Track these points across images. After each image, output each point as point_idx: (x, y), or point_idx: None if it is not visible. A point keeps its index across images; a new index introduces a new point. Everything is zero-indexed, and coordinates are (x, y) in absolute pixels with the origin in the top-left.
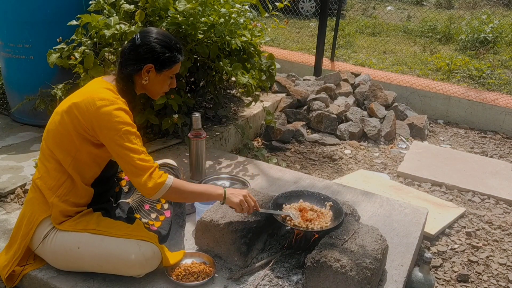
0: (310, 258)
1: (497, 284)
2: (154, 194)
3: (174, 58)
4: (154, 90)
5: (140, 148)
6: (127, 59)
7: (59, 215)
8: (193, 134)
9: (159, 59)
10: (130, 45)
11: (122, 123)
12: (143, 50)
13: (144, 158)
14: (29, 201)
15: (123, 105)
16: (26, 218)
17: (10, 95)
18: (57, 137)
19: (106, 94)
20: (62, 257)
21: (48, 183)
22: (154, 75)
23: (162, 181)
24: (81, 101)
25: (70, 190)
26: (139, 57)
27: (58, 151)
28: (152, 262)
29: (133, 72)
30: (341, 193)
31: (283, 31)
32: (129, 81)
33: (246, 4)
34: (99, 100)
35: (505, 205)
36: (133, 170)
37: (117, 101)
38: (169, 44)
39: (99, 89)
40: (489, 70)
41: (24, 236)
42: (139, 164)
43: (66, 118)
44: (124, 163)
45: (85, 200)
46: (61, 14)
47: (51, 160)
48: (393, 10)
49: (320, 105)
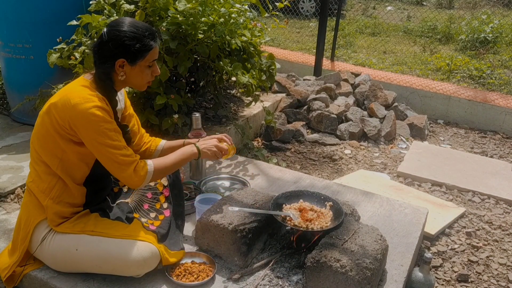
0: (310, 258)
1: (497, 284)
2: (141, 184)
3: (146, 47)
4: (136, 83)
5: (120, 144)
6: (98, 57)
7: (55, 216)
8: (193, 134)
9: (129, 52)
10: (98, 42)
11: (99, 121)
12: (111, 45)
13: (126, 153)
14: (24, 205)
15: (98, 102)
16: (23, 222)
17: (10, 95)
18: (41, 140)
19: (81, 92)
20: (60, 259)
21: (40, 186)
22: (129, 69)
23: (145, 171)
24: (58, 100)
25: (63, 191)
26: (108, 54)
27: (44, 154)
28: (150, 262)
29: (107, 69)
30: (341, 193)
31: (283, 31)
32: (106, 78)
33: (246, 4)
34: (74, 98)
35: (505, 205)
36: (116, 166)
37: (92, 98)
38: (137, 34)
39: (75, 87)
40: (489, 70)
41: (23, 240)
42: (122, 159)
43: (46, 119)
44: (106, 160)
45: (80, 199)
46: (61, 14)
47: (40, 163)
48: (393, 10)
49: (320, 105)
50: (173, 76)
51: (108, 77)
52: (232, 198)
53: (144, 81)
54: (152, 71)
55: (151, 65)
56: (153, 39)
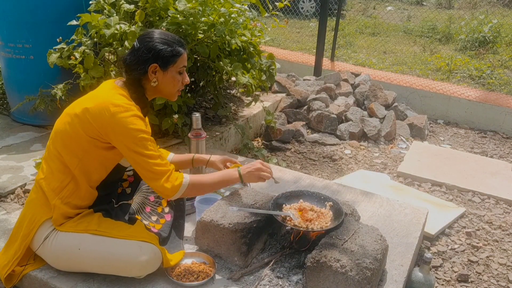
0: (310, 258)
1: (497, 284)
2: (173, 195)
3: (176, 52)
4: (167, 90)
5: (156, 153)
6: (129, 64)
7: (60, 217)
8: (193, 134)
9: (160, 56)
10: (130, 52)
11: (137, 130)
12: (143, 52)
13: (160, 162)
14: (31, 202)
15: (137, 111)
16: (27, 219)
17: (10, 95)
18: (66, 139)
19: (120, 101)
20: (62, 258)
21: (51, 184)
22: (161, 75)
23: (179, 183)
24: (94, 106)
25: (73, 192)
26: (140, 60)
27: (65, 153)
28: (153, 264)
29: (139, 76)
30: (341, 193)
31: (283, 31)
32: (138, 86)
33: (246, 4)
34: (114, 106)
35: (505, 205)
36: (150, 176)
37: (131, 107)
38: (167, 40)
39: (113, 95)
40: (489, 70)
41: (25, 237)
42: (156, 169)
43: (76, 121)
44: (141, 168)
45: (87, 202)
46: (61, 14)
47: (56, 161)
48: (393, 10)
49: (320, 105)
50: None
51: (140, 84)
52: (232, 198)
53: (175, 88)
54: (182, 78)
55: (181, 71)
56: (181, 46)
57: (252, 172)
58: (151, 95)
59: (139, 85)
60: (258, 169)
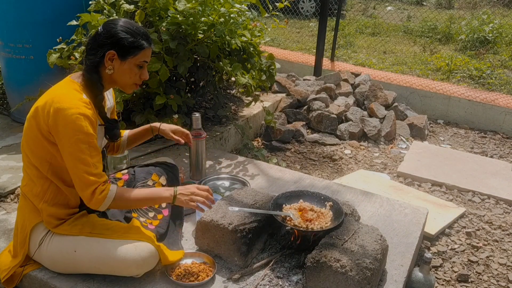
0: (310, 258)
1: (497, 284)
2: (97, 208)
3: (138, 44)
4: (122, 81)
5: (90, 160)
6: (89, 49)
7: (51, 219)
8: (193, 134)
9: (121, 44)
10: (93, 35)
11: (76, 130)
12: (104, 37)
13: (92, 171)
14: (20, 209)
15: (83, 108)
16: (20, 226)
17: (10, 95)
18: (31, 144)
19: (66, 96)
20: (59, 261)
21: (33, 190)
22: (118, 64)
23: (103, 196)
24: (43, 103)
25: (57, 193)
26: (100, 44)
27: (34, 158)
28: (149, 262)
29: (96, 60)
30: (341, 193)
31: (283, 31)
32: (93, 72)
33: (246, 4)
34: (58, 102)
35: (505, 205)
36: (78, 183)
37: (77, 103)
38: (132, 30)
39: (61, 90)
40: (489, 70)
41: (22, 244)
42: (84, 177)
43: (33, 122)
44: (72, 173)
45: (74, 201)
46: (61, 14)
47: (31, 167)
48: (393, 10)
49: (320, 105)
50: (173, 76)
51: (96, 71)
52: (232, 198)
53: (131, 81)
54: (141, 73)
55: (141, 65)
56: (146, 40)
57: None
58: (107, 84)
59: (95, 71)
60: (192, 193)
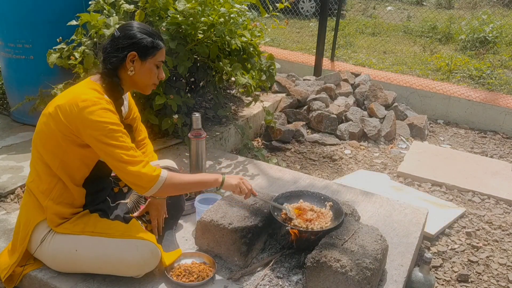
0: (310, 258)
1: (497, 284)
2: (150, 187)
3: (156, 44)
4: (143, 82)
5: (128, 145)
6: (109, 52)
7: (54, 217)
8: (193, 134)
9: (141, 45)
10: (110, 40)
11: (106, 122)
12: (123, 39)
13: (133, 154)
14: (24, 206)
15: (106, 105)
16: (22, 223)
17: (10, 95)
18: (44, 140)
19: (89, 95)
20: (60, 259)
21: (40, 187)
22: (139, 64)
23: (157, 173)
24: (64, 103)
25: (63, 192)
26: (120, 47)
27: (46, 154)
28: (150, 262)
29: (117, 63)
30: (341, 193)
31: (283, 31)
32: (114, 76)
33: (246, 4)
34: (82, 101)
35: (505, 205)
36: (123, 166)
37: (100, 101)
38: (148, 31)
39: (83, 90)
40: (489, 70)
41: (22, 240)
42: (127, 159)
43: (51, 121)
44: (112, 160)
45: (79, 200)
46: (61, 14)
47: (40, 163)
48: (393, 10)
49: (320, 105)
50: (173, 76)
51: (116, 74)
52: (232, 198)
53: (151, 81)
54: (159, 72)
55: (159, 65)
56: (162, 40)
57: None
58: (126, 87)
59: (115, 74)
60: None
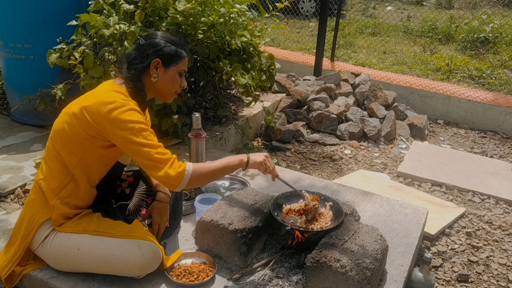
0: (310, 258)
1: (497, 284)
2: (178, 184)
3: (180, 53)
4: (165, 89)
5: (156, 143)
6: (133, 59)
7: (59, 217)
8: (193, 134)
9: (164, 53)
10: (134, 47)
11: (134, 122)
12: (148, 47)
13: (162, 151)
14: (30, 203)
15: (134, 106)
16: (27, 220)
17: (10, 95)
18: (65, 139)
19: (116, 97)
20: (62, 258)
21: (51, 184)
22: (162, 72)
23: (182, 169)
24: (91, 104)
25: (72, 192)
26: (144, 54)
27: (64, 152)
28: (152, 263)
29: (141, 70)
30: (341, 193)
31: (283, 31)
32: (138, 82)
33: (246, 4)
34: (110, 103)
35: (505, 205)
36: (152, 165)
37: (127, 102)
38: (173, 40)
39: (109, 92)
40: (489, 70)
41: (24, 237)
42: (157, 157)
43: (75, 120)
44: (142, 158)
45: (86, 202)
46: (61, 14)
47: (56, 161)
48: (393, 10)
49: (320, 105)
50: None
51: (140, 80)
52: (232, 198)
53: (173, 89)
54: (181, 81)
55: (181, 74)
56: (185, 50)
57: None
58: (149, 94)
59: (139, 80)
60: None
